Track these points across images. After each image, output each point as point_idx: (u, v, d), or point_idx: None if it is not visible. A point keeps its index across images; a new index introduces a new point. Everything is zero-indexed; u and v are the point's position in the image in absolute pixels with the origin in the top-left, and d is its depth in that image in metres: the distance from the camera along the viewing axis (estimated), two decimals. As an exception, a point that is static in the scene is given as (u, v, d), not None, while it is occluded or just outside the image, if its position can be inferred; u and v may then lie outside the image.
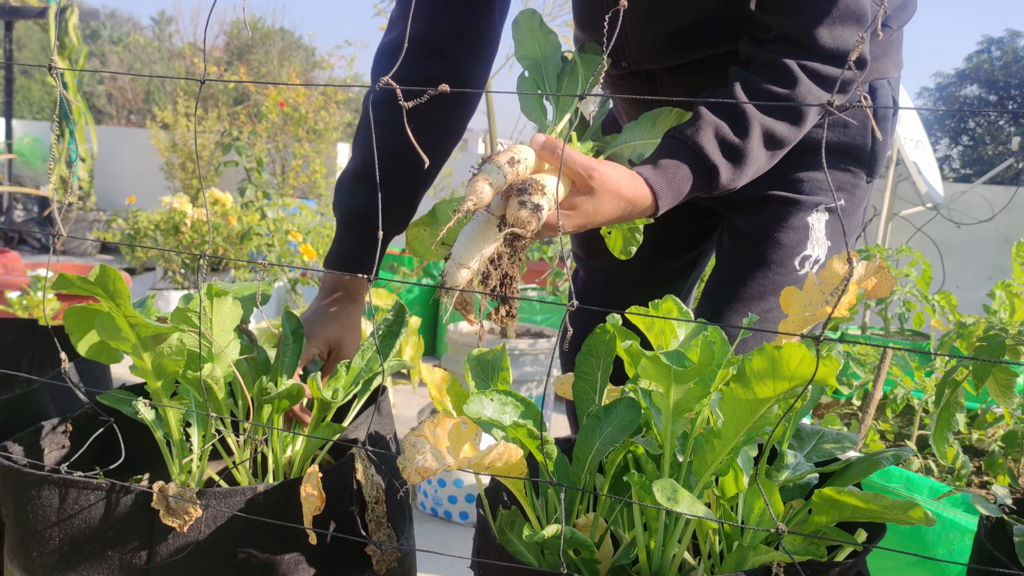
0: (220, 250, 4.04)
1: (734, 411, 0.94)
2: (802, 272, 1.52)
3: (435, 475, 0.88)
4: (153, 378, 1.16)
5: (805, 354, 0.85)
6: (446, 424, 0.97)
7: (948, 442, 1.23)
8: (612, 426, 1.08)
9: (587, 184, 1.12)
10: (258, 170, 4.46)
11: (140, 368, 1.14)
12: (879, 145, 1.57)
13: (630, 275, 1.82)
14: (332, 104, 8.96)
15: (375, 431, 1.40)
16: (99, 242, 9.76)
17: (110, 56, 27.40)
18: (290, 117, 8.52)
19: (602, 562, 1.09)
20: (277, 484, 1.14)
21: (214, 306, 1.12)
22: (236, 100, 14.27)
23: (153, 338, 1.10)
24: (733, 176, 1.28)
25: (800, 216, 1.53)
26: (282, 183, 8.47)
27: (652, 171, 1.22)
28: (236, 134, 4.61)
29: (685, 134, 1.26)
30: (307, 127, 8.58)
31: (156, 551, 1.11)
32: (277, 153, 8.73)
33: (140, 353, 1.12)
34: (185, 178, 9.27)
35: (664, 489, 0.89)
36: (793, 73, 1.27)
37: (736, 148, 1.23)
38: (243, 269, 4.49)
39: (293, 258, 4.20)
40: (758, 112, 1.27)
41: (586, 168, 1.12)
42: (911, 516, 0.88)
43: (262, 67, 19.24)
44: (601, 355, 1.22)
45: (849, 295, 1.16)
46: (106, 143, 10.80)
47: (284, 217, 4.47)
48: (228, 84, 12.24)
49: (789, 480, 1.12)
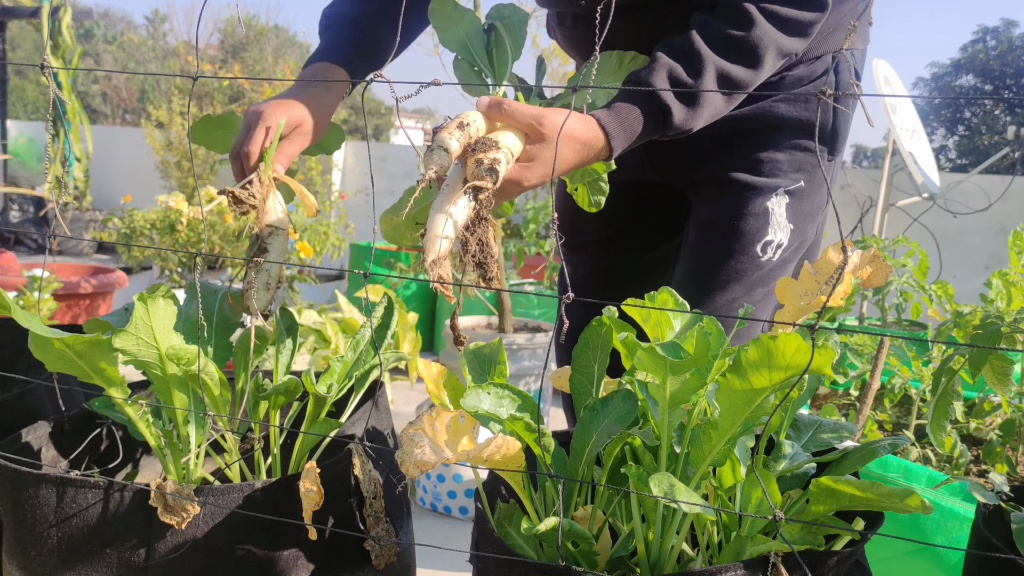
0: (217, 248, 4.03)
1: (730, 401, 0.94)
2: (764, 258, 1.54)
3: (433, 468, 0.88)
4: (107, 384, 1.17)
5: (800, 344, 0.85)
6: (444, 418, 0.97)
7: (945, 431, 1.23)
8: (609, 418, 1.08)
9: (538, 132, 1.13)
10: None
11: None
12: (841, 121, 1.57)
13: (617, 267, 1.82)
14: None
15: (373, 426, 1.40)
16: (96, 242, 9.74)
17: (104, 55, 27.32)
18: (285, 114, 8.49)
19: (600, 554, 1.09)
20: (275, 480, 1.14)
21: (149, 311, 1.12)
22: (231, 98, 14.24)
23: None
24: (687, 117, 1.28)
25: (759, 202, 1.54)
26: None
27: (605, 113, 1.24)
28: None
29: (639, 76, 1.27)
30: (302, 124, 8.54)
31: (154, 549, 1.11)
32: (272, 151, 8.70)
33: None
34: (181, 177, 9.25)
35: (660, 483, 0.90)
36: (750, 15, 1.28)
37: (689, 89, 1.23)
38: (240, 267, 4.47)
39: (289, 255, 4.20)
40: (713, 54, 1.28)
41: (535, 116, 1.13)
42: (908, 504, 0.88)
43: (256, 64, 19.19)
44: (597, 348, 1.22)
45: (844, 284, 1.16)
46: (101, 142, 10.77)
47: (280, 214, 4.44)
48: (223, 82, 12.22)
49: (787, 470, 1.12)
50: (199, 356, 1.14)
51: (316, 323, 3.14)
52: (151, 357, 1.16)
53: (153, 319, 1.14)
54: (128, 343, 1.12)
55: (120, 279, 4.02)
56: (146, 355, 1.15)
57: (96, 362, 1.13)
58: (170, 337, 1.16)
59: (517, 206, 8.19)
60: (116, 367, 1.16)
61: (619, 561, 1.10)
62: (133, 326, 1.12)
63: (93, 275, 3.99)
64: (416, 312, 4.49)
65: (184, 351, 1.16)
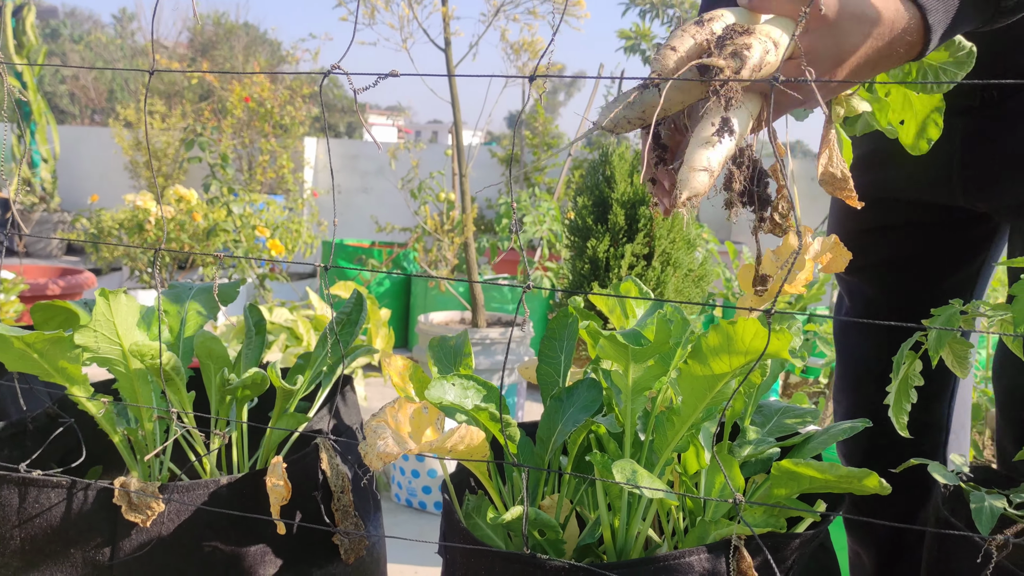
0: (186, 247, 4.00)
1: (692, 388, 0.95)
2: None
3: (396, 459, 0.88)
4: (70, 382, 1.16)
5: (759, 329, 0.86)
6: (407, 409, 0.97)
7: (906, 414, 1.24)
8: (575, 407, 1.08)
9: (816, 12, 0.84)
10: (223, 166, 4.42)
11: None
12: None
13: (905, 296, 1.49)
14: (298, 98, 8.89)
15: (341, 421, 1.39)
16: (65, 244, 9.62)
17: (71, 55, 26.97)
18: (255, 112, 8.44)
19: (568, 542, 1.10)
20: (241, 476, 1.13)
21: (111, 307, 1.11)
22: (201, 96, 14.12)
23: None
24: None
25: None
26: (249, 179, 8.40)
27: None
28: (199, 130, 4.56)
29: None
30: (273, 122, 8.50)
31: (119, 547, 1.10)
32: (243, 149, 8.65)
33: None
34: (150, 176, 9.16)
35: (623, 469, 0.90)
36: None
37: None
38: (211, 267, 4.45)
39: (261, 253, 4.17)
40: None
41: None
42: (866, 485, 0.89)
43: (226, 63, 19.03)
44: (564, 338, 1.23)
45: (805, 271, 1.17)
46: (69, 143, 10.63)
47: (251, 213, 4.43)
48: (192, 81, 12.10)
49: (751, 455, 1.13)
50: (160, 352, 1.14)
51: (288, 320, 3.13)
52: (114, 354, 1.15)
53: (115, 315, 1.13)
54: (89, 339, 1.11)
55: (89, 280, 3.97)
56: (108, 351, 1.14)
57: (56, 360, 1.12)
58: (133, 333, 1.16)
59: (490, 200, 8.18)
60: (78, 365, 1.15)
61: (587, 548, 1.11)
62: (95, 322, 1.11)
63: (61, 276, 3.93)
64: (389, 308, 4.48)
65: (148, 347, 1.15)
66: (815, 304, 4.51)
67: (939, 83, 1.02)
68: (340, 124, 26.43)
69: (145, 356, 1.15)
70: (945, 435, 1.52)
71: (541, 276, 4.65)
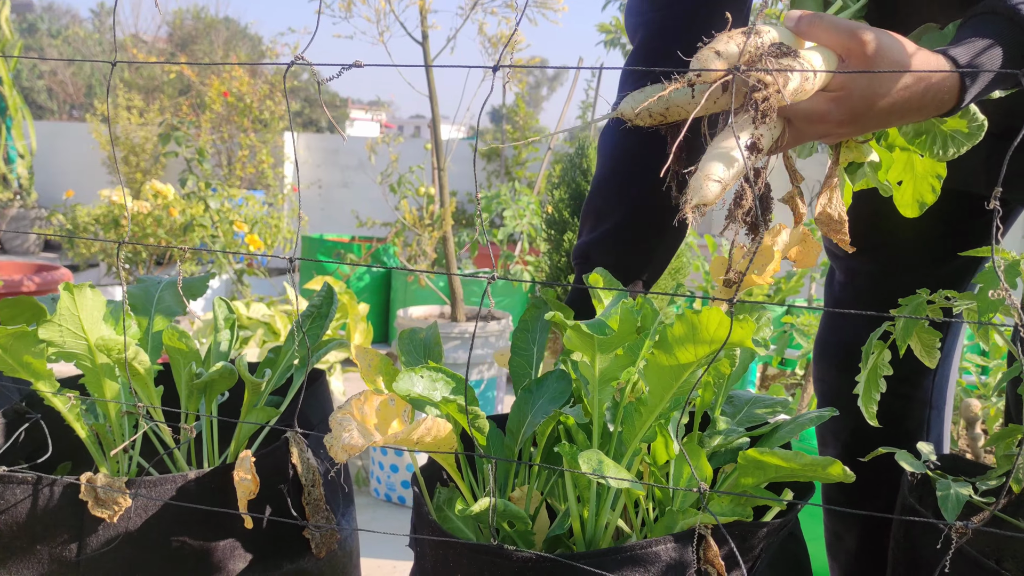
0: (163, 242, 3.97)
1: (658, 377, 0.95)
2: None
3: (360, 451, 0.88)
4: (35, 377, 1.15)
5: (723, 318, 0.87)
6: (373, 401, 0.97)
7: (875, 403, 1.26)
8: (544, 398, 1.08)
9: (860, 51, 0.86)
10: (200, 160, 4.39)
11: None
12: None
13: (903, 279, 1.46)
14: (277, 93, 8.85)
15: (314, 415, 1.39)
16: (42, 240, 9.54)
17: (49, 49, 26.71)
18: (234, 107, 8.38)
19: (538, 533, 1.10)
20: (210, 470, 1.13)
21: (77, 301, 1.10)
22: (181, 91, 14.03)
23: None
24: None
25: None
26: (228, 174, 8.35)
27: (950, 46, 0.92)
28: (176, 124, 4.53)
29: (991, 4, 0.94)
30: (252, 117, 8.45)
31: (86, 543, 1.09)
32: (223, 144, 8.60)
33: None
34: (128, 171, 9.09)
35: (589, 459, 0.90)
36: None
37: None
38: (190, 262, 4.42)
39: (239, 248, 4.15)
40: None
41: (856, 30, 0.86)
42: (830, 473, 0.90)
43: (206, 57, 18.90)
44: (536, 330, 1.22)
45: (773, 263, 1.18)
46: (47, 138, 10.53)
47: (229, 208, 4.40)
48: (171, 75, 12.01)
49: (721, 445, 1.14)
50: (125, 346, 1.13)
51: (265, 316, 3.11)
52: (79, 348, 1.13)
53: (81, 309, 1.12)
54: (54, 334, 1.10)
55: (65, 276, 3.93)
56: (74, 346, 1.13)
57: (20, 355, 1.11)
58: (100, 327, 1.14)
59: (471, 194, 8.18)
60: (43, 360, 1.13)
61: (557, 540, 1.11)
62: (59, 316, 1.10)
63: (36, 273, 3.90)
64: (368, 303, 4.47)
65: (114, 342, 1.14)
66: (793, 296, 4.53)
67: (946, 149, 1.03)
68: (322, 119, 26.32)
69: (112, 351, 1.14)
70: (929, 411, 1.53)
71: (521, 270, 4.65)
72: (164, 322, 1.32)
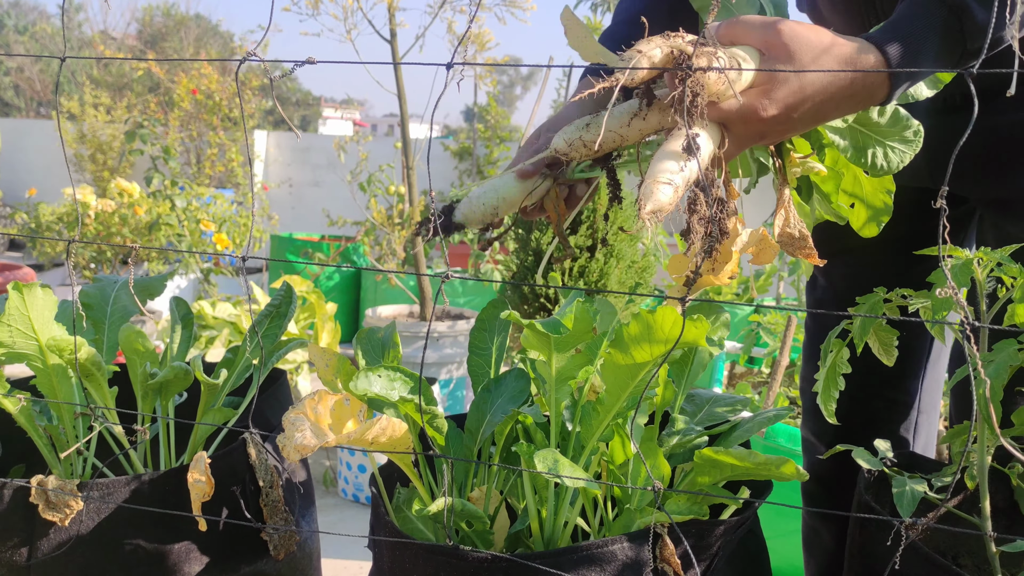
0: (127, 241, 3.92)
1: (615, 376, 0.95)
2: None
3: (313, 452, 0.87)
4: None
5: (677, 317, 0.87)
6: (328, 401, 0.96)
7: (834, 400, 1.26)
8: (502, 397, 1.08)
9: (778, 41, 0.86)
10: (166, 158, 4.35)
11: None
12: None
13: (878, 282, 1.43)
14: (247, 91, 8.77)
15: (274, 416, 1.37)
16: (7, 240, 9.38)
17: (16, 45, 26.33)
18: (203, 105, 8.30)
19: (497, 533, 1.09)
20: (163, 472, 1.11)
21: (26, 300, 1.08)
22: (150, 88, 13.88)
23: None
24: (988, 12, 0.90)
25: None
26: (197, 172, 8.26)
27: (876, 29, 0.92)
28: (143, 122, 4.47)
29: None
30: (222, 115, 8.37)
31: (37, 547, 1.07)
32: (191, 142, 8.51)
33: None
34: (95, 170, 8.97)
35: (544, 459, 0.90)
36: None
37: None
38: (156, 261, 4.37)
39: (206, 247, 4.11)
40: None
41: (773, 22, 0.87)
42: (784, 472, 0.90)
43: (175, 55, 18.71)
44: (494, 329, 1.22)
45: (731, 263, 1.18)
46: (12, 136, 10.37)
47: (197, 207, 4.35)
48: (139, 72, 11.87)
49: (679, 444, 1.14)
50: (76, 347, 1.11)
51: (231, 315, 3.08)
52: (30, 349, 1.11)
53: (31, 309, 1.10)
54: (3, 334, 1.08)
55: (28, 276, 3.87)
56: (24, 347, 1.11)
57: (-32, 356, 1.09)
58: (51, 328, 1.12)
59: (443, 193, 8.16)
60: (-8, 361, 1.11)
61: (517, 539, 1.10)
62: (8, 316, 1.08)
63: (-2, 272, 3.84)
64: (338, 302, 4.44)
65: (66, 342, 1.12)
66: (762, 295, 4.56)
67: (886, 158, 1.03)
68: (295, 117, 26.15)
69: (64, 351, 1.12)
70: (916, 413, 1.53)
71: (492, 269, 4.64)
72: (121, 322, 1.31)
